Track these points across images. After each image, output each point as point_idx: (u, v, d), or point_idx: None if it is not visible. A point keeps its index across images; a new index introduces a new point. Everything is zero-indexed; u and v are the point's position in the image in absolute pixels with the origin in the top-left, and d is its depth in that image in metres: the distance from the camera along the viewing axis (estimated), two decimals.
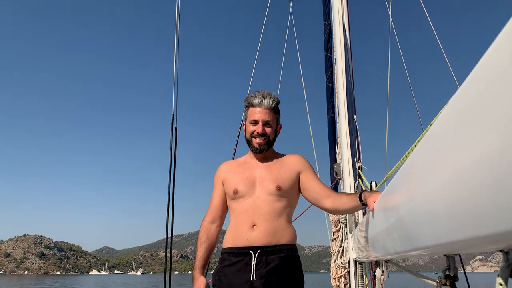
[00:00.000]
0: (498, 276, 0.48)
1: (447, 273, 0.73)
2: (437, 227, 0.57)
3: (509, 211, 0.36)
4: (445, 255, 0.74)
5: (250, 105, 1.84)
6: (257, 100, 1.81)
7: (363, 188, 2.62)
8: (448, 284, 0.72)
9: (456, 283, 0.74)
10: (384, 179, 1.75)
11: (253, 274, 1.65)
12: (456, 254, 0.73)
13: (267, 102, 1.80)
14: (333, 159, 3.65)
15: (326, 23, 4.06)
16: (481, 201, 0.41)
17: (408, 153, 1.22)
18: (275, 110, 1.84)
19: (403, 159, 1.30)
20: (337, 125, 3.26)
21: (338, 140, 3.21)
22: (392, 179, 0.96)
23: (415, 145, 1.01)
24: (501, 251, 0.49)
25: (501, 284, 0.47)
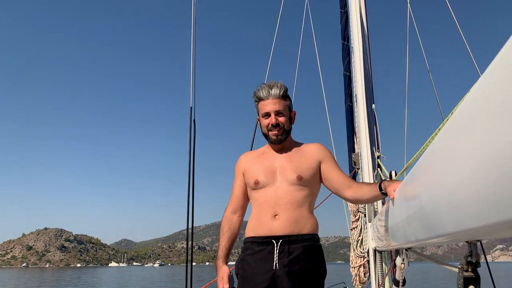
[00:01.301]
0: None
1: (469, 259, 0.74)
2: (459, 213, 0.57)
3: None
4: (466, 241, 0.74)
5: (259, 99, 1.82)
6: (264, 93, 1.79)
7: (382, 178, 2.62)
8: (470, 270, 0.72)
9: (478, 269, 0.75)
10: (404, 167, 1.74)
11: (276, 263, 1.66)
12: (478, 241, 0.74)
13: (275, 91, 1.78)
14: (351, 148, 3.63)
15: (342, 11, 4.00)
16: (504, 187, 0.41)
17: (429, 141, 1.21)
18: (285, 97, 1.81)
19: (423, 147, 1.29)
20: (355, 114, 3.25)
21: (357, 130, 3.20)
22: (413, 167, 0.96)
23: (436, 134, 1.01)
24: None
25: None
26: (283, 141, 1.82)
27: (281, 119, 1.79)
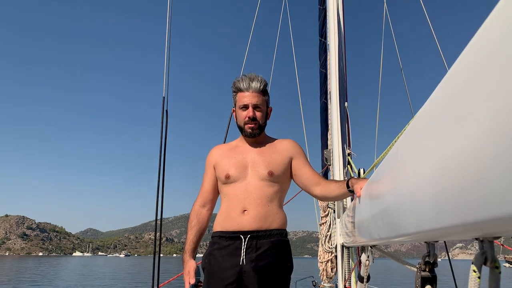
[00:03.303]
0: (472, 263, 0.49)
1: (426, 259, 0.75)
2: (418, 215, 0.58)
3: (485, 201, 0.37)
4: (425, 242, 0.76)
5: (238, 90, 1.80)
6: (244, 84, 1.77)
7: (352, 175, 2.67)
8: (427, 270, 0.74)
9: (435, 269, 0.77)
10: (372, 166, 1.78)
11: (243, 258, 1.66)
12: (436, 241, 0.76)
13: (255, 85, 1.76)
14: (324, 144, 3.69)
15: (321, 7, 4.01)
16: (459, 191, 0.42)
17: (395, 141, 1.23)
18: (263, 92, 1.80)
19: (390, 147, 1.31)
20: (329, 111, 3.29)
21: (329, 127, 3.25)
22: (378, 166, 0.97)
23: (401, 134, 1.03)
24: (476, 239, 0.51)
25: (474, 271, 0.49)
26: (257, 135, 1.81)
27: (258, 113, 1.79)
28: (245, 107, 1.78)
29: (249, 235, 1.68)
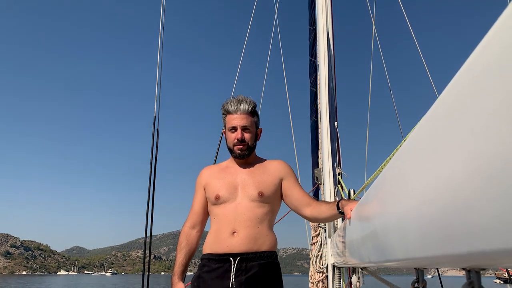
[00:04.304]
0: None
1: (416, 285, 0.76)
2: (406, 242, 0.58)
3: (471, 234, 0.37)
4: (414, 268, 0.76)
5: (227, 112, 1.82)
6: (232, 106, 1.79)
7: (342, 195, 2.68)
8: None
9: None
10: (362, 187, 1.79)
11: (232, 281, 1.64)
12: (425, 268, 0.77)
13: (243, 107, 1.78)
14: (315, 163, 3.70)
15: (311, 28, 4.09)
16: (446, 222, 0.42)
17: (383, 165, 1.24)
18: (252, 114, 1.82)
19: (378, 170, 1.32)
20: (319, 130, 3.32)
21: (320, 146, 3.27)
22: (367, 190, 0.97)
23: (389, 158, 1.04)
24: (464, 269, 0.51)
25: None
26: (246, 156, 1.81)
27: (247, 135, 1.80)
28: (234, 129, 1.79)
29: (238, 258, 1.67)
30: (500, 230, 0.32)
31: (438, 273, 4.34)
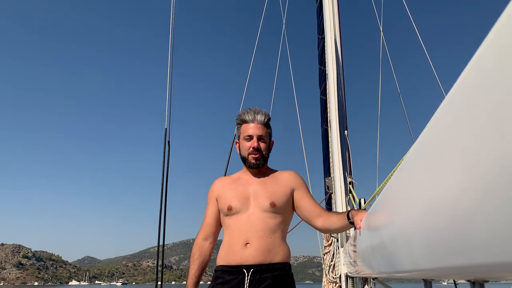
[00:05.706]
0: None
1: None
2: (412, 253, 0.58)
3: (471, 246, 0.37)
4: (423, 279, 0.75)
5: (243, 121, 1.85)
6: (250, 116, 1.83)
7: (353, 204, 2.67)
8: None
9: None
10: (371, 197, 1.78)
11: None
12: (433, 280, 0.76)
13: (260, 117, 1.83)
14: (326, 171, 3.69)
15: (320, 37, 4.11)
16: (450, 234, 0.42)
17: (391, 174, 1.24)
18: (267, 125, 1.86)
19: (386, 180, 1.32)
20: (330, 139, 3.32)
21: (331, 154, 3.27)
22: (376, 200, 0.98)
23: (396, 168, 1.03)
24: (468, 281, 0.51)
25: None
26: (260, 166, 1.82)
27: (262, 144, 1.82)
28: (250, 137, 1.81)
29: (252, 269, 1.66)
30: (499, 243, 0.32)
31: (454, 281, 4.26)
